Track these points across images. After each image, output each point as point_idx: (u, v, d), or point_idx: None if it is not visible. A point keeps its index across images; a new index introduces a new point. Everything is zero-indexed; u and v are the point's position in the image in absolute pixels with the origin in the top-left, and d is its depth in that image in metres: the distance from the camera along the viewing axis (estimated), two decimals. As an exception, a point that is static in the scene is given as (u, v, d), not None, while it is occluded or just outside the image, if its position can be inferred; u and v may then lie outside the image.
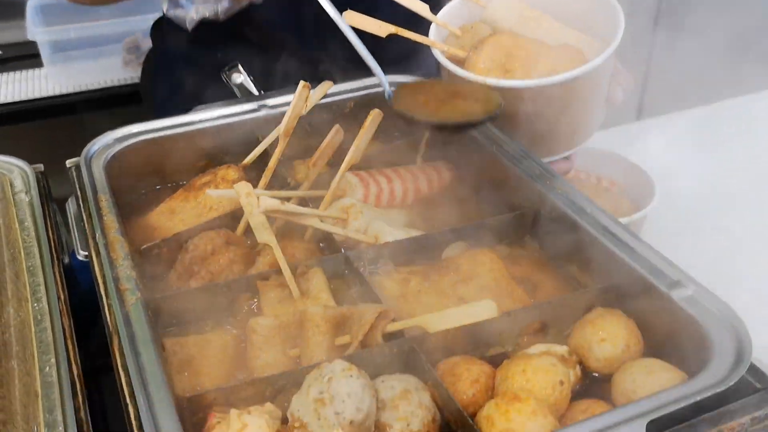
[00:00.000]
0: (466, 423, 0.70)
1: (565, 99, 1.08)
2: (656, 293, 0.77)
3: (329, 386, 0.72)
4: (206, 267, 0.97)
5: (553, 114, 1.09)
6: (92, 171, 1.06)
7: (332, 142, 1.08)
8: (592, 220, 0.88)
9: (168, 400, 0.69)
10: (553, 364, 0.74)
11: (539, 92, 1.05)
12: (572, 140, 1.17)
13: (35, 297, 0.82)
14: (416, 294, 0.91)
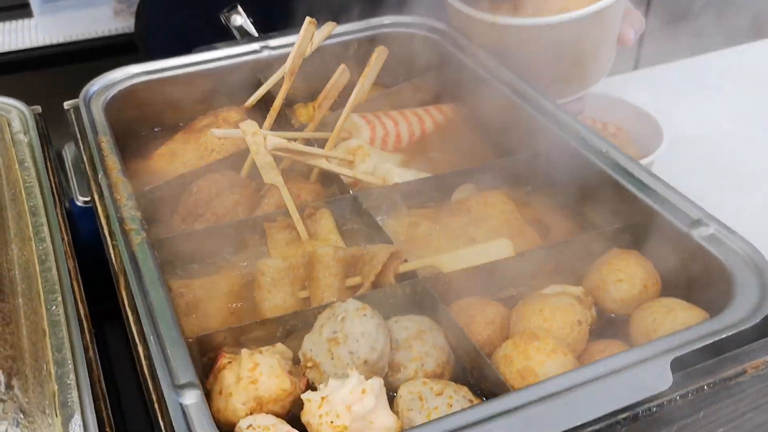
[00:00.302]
0: (483, 363, 0.69)
1: (577, 38, 1.05)
2: (676, 232, 0.75)
3: (343, 326, 0.71)
4: (211, 209, 0.95)
5: (565, 53, 1.06)
6: (92, 112, 1.03)
7: (338, 83, 1.05)
8: (607, 159, 0.85)
9: (179, 340, 0.67)
10: (570, 304, 0.73)
11: (550, 30, 1.02)
12: (584, 81, 1.14)
13: (39, 237, 0.79)
14: (426, 236, 0.89)
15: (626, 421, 0.59)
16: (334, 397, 0.66)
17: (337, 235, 0.88)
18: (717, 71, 1.73)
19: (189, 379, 0.63)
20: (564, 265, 0.83)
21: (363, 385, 0.65)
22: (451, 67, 1.13)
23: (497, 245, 0.78)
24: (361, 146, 0.99)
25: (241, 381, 0.69)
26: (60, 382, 0.63)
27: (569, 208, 0.92)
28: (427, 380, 0.69)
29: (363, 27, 1.22)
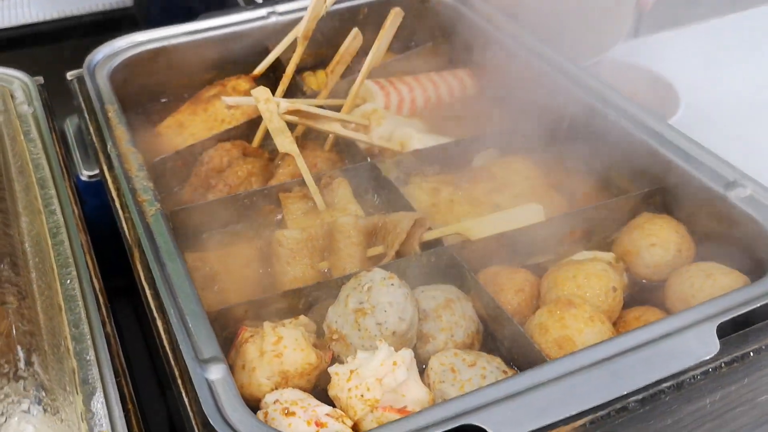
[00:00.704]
0: (517, 332, 0.66)
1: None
2: (711, 195, 0.73)
3: (369, 296, 0.68)
4: (223, 179, 0.92)
5: (583, 12, 1.03)
6: (96, 81, 0.99)
7: (351, 47, 1.02)
8: (635, 119, 0.82)
9: (201, 313, 0.64)
10: (604, 270, 0.71)
11: None
12: (603, 43, 1.11)
13: (48, 209, 0.77)
14: (448, 203, 0.86)
15: (670, 389, 0.57)
16: (364, 370, 0.63)
17: (355, 204, 0.85)
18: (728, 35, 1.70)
19: (213, 353, 0.61)
20: (593, 230, 0.80)
21: (393, 357, 0.63)
22: (467, 30, 1.10)
23: (528, 209, 0.75)
24: (376, 110, 0.96)
25: (265, 355, 0.67)
26: (79, 359, 0.61)
27: (596, 173, 0.89)
28: (459, 351, 0.66)
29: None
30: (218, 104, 1.06)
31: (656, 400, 0.57)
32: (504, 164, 0.89)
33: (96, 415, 0.56)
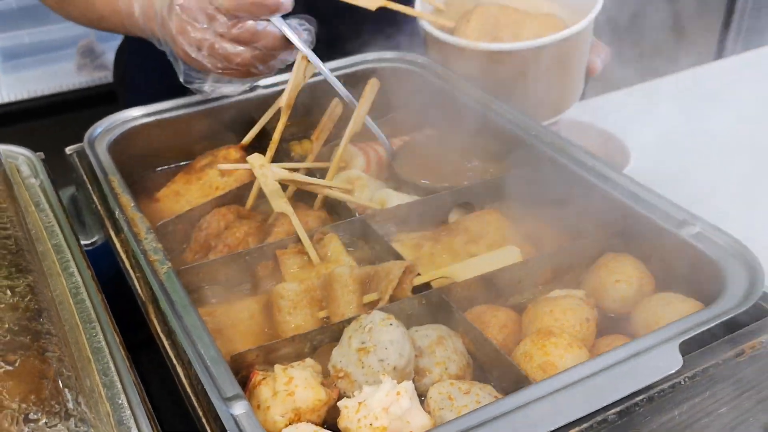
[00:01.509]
0: (504, 361, 0.74)
1: (550, 63, 1.13)
2: (665, 233, 0.83)
3: (371, 336, 0.76)
4: (223, 241, 0.99)
5: (540, 78, 1.14)
6: (98, 154, 1.06)
7: (332, 116, 1.11)
8: (591, 171, 0.93)
9: (219, 357, 0.71)
10: (577, 304, 0.79)
11: (527, 55, 1.11)
12: (559, 105, 1.22)
13: (67, 272, 0.83)
14: (430, 256, 0.95)
15: (643, 402, 0.66)
16: (371, 402, 0.70)
17: (347, 256, 0.93)
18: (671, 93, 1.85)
19: (236, 391, 0.67)
20: (563, 271, 0.90)
21: (397, 388, 0.70)
22: (435, 96, 1.21)
23: (506, 252, 0.84)
24: (360, 176, 1.05)
25: (278, 394, 0.73)
26: (112, 402, 0.67)
27: (561, 221, 0.99)
28: (455, 381, 0.74)
29: (348, 64, 1.28)
30: (211, 173, 1.14)
31: (632, 413, 0.65)
32: (476, 218, 0.98)
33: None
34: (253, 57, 1.03)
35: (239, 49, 1.01)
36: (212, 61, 1.02)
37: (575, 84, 1.24)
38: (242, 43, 1.01)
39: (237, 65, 1.03)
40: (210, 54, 1.02)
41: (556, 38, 1.11)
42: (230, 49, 1.01)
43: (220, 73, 1.05)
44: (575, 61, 1.20)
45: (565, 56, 1.16)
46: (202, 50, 1.01)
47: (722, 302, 0.71)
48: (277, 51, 1.04)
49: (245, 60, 1.02)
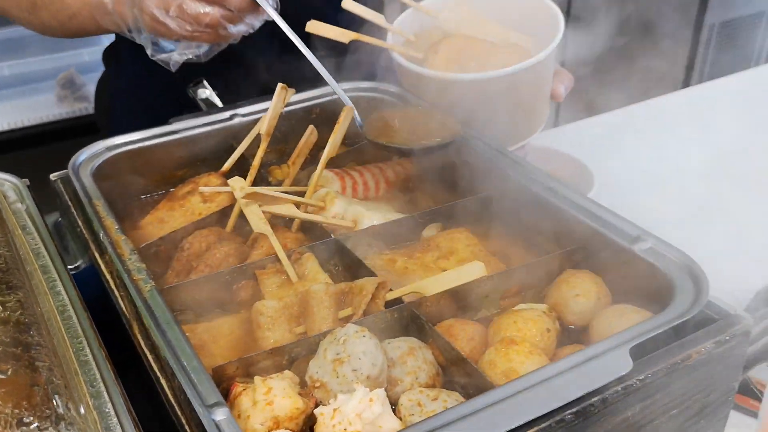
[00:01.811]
0: (471, 369, 0.79)
1: (516, 91, 1.20)
2: (619, 249, 0.89)
3: (345, 347, 0.80)
4: (204, 261, 1.03)
5: (507, 105, 1.21)
6: (82, 180, 1.10)
7: (308, 142, 1.17)
8: (553, 192, 0.99)
9: (201, 368, 0.75)
10: (539, 315, 0.85)
11: (493, 84, 1.17)
12: (525, 131, 1.29)
13: (54, 291, 0.87)
14: (403, 271, 1.00)
15: (598, 402, 0.71)
16: (345, 408, 0.75)
17: (323, 274, 0.98)
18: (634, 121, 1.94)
19: (217, 399, 0.71)
20: (528, 287, 0.95)
21: (369, 395, 0.75)
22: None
23: (472, 267, 0.89)
24: (329, 192, 1.10)
25: (258, 404, 0.77)
26: (99, 411, 0.70)
27: (526, 240, 1.05)
28: (424, 389, 0.79)
29: (323, 93, 1.34)
30: (193, 199, 1.18)
31: (588, 413, 0.70)
32: (447, 236, 1.04)
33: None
34: (222, 17, 1.05)
35: (207, 9, 1.03)
36: (180, 23, 1.04)
37: (540, 111, 1.30)
38: (210, 3, 1.03)
39: (206, 26, 1.04)
40: (178, 15, 1.03)
41: (521, 67, 1.17)
42: (199, 9, 1.03)
43: (188, 36, 1.07)
44: (539, 89, 1.27)
45: (529, 84, 1.23)
46: (170, 11, 1.04)
47: (670, 311, 0.77)
48: (244, 12, 1.06)
49: (214, 20, 1.04)
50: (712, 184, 1.63)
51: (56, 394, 0.64)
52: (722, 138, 1.82)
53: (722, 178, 1.65)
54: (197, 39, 1.08)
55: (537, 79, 1.23)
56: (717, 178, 1.65)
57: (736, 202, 1.55)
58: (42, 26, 1.31)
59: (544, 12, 1.27)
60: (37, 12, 1.27)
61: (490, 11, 1.32)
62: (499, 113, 1.23)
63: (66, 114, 2.92)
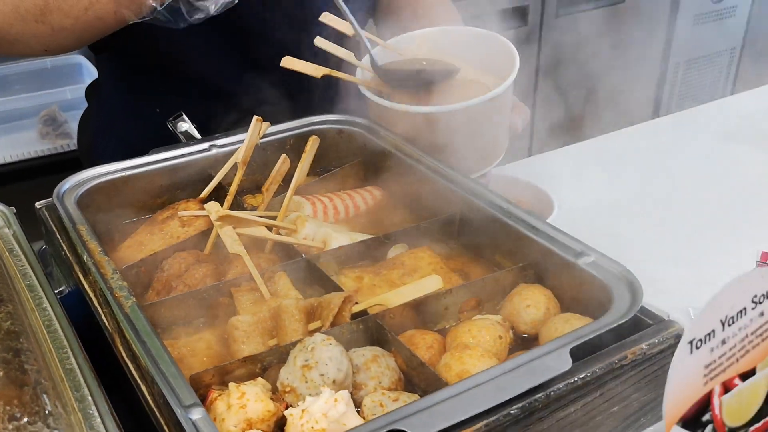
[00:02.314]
0: (429, 372, 0.86)
1: (475, 122, 1.29)
2: (566, 263, 0.97)
3: (313, 354, 0.87)
4: (183, 282, 1.10)
5: (467, 136, 1.30)
6: (66, 206, 1.17)
7: (281, 170, 1.24)
8: (508, 214, 1.07)
9: (180, 374, 0.81)
10: (492, 324, 0.92)
11: (454, 116, 1.26)
12: (485, 160, 1.37)
13: (40, 308, 0.93)
14: (371, 287, 1.07)
15: (542, 398, 0.78)
16: (313, 409, 0.81)
17: (295, 291, 1.05)
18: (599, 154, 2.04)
19: (194, 400, 0.78)
20: (485, 300, 1.02)
21: (334, 396, 0.81)
22: (375, 153, 1.35)
23: (429, 280, 0.97)
24: (300, 216, 1.18)
25: (232, 407, 0.84)
26: (84, 413, 0.76)
27: (484, 257, 1.12)
28: (386, 391, 0.85)
29: (296, 125, 1.42)
30: (172, 224, 1.25)
31: (533, 409, 0.77)
32: (411, 255, 1.11)
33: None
34: None
35: None
36: None
37: (499, 142, 1.39)
38: None
39: None
40: None
41: (480, 100, 1.26)
42: None
43: None
44: (498, 121, 1.36)
45: (488, 116, 1.32)
46: None
47: (608, 316, 0.85)
48: None
49: None
50: (668, 209, 1.72)
51: (44, 394, 0.70)
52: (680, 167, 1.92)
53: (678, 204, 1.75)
54: None
55: (495, 112, 1.32)
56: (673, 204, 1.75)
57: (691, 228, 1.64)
58: (50, 33, 1.25)
59: (502, 50, 1.37)
60: (47, 16, 1.22)
61: (451, 50, 1.41)
62: (461, 144, 1.31)
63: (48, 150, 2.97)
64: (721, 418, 0.63)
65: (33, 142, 2.94)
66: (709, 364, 0.61)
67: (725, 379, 0.63)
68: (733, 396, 0.63)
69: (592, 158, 2.02)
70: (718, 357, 0.61)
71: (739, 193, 1.80)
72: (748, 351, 0.63)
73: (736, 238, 1.60)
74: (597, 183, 1.86)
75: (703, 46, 4.46)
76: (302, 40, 1.40)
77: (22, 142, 2.93)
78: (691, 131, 2.16)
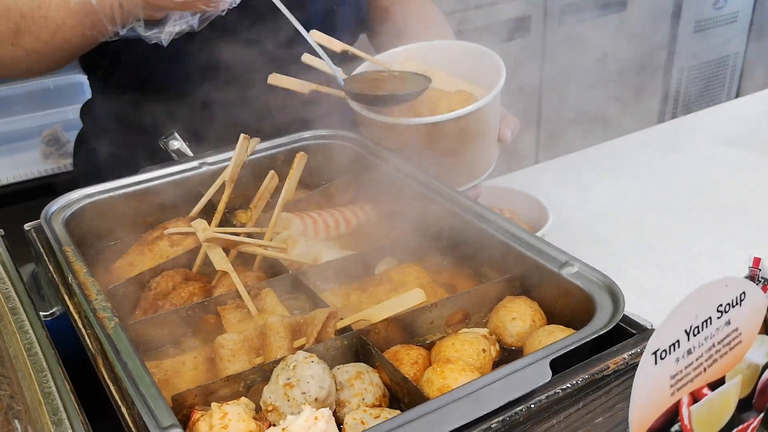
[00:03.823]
0: (411, 387, 0.85)
1: (464, 133, 1.29)
2: (550, 274, 0.96)
3: (295, 372, 0.86)
4: (170, 300, 1.10)
5: (456, 146, 1.29)
6: (53, 228, 1.17)
7: (269, 186, 1.24)
8: (495, 226, 1.06)
9: (159, 396, 0.81)
10: (476, 337, 0.91)
11: (442, 127, 1.26)
12: (475, 171, 1.37)
13: (22, 330, 0.92)
14: (358, 303, 1.06)
15: (523, 411, 0.77)
16: (293, 426, 0.80)
17: (282, 307, 1.04)
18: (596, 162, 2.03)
19: (172, 421, 0.77)
20: (472, 313, 1.01)
21: (315, 414, 0.81)
22: (364, 169, 1.34)
23: (412, 294, 0.96)
24: (291, 235, 1.17)
25: (214, 428, 0.83)
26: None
27: (472, 271, 1.12)
28: (367, 408, 0.84)
29: (287, 141, 1.42)
30: (161, 244, 1.25)
31: (514, 422, 0.76)
32: (399, 270, 1.10)
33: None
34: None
35: None
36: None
37: (489, 152, 1.39)
38: None
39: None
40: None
41: (467, 110, 1.26)
42: None
43: (180, 5, 1.12)
44: (486, 131, 1.35)
45: (476, 127, 1.32)
46: None
47: (589, 327, 0.84)
48: None
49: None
50: (666, 217, 1.71)
51: (16, 419, 0.70)
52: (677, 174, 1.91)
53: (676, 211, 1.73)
54: (190, 7, 1.12)
55: (483, 122, 1.32)
56: (671, 212, 1.73)
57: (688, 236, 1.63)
58: (25, 56, 1.30)
59: (489, 62, 1.37)
60: (20, 39, 1.28)
61: (439, 62, 1.41)
62: (450, 154, 1.31)
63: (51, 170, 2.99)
64: (691, 428, 0.62)
65: (36, 162, 2.95)
66: (675, 375, 0.60)
67: (693, 389, 0.62)
68: (702, 406, 0.62)
69: (590, 167, 2.01)
70: (684, 367, 0.60)
71: (737, 198, 1.79)
72: (715, 360, 0.62)
73: (733, 244, 1.59)
74: (595, 192, 1.85)
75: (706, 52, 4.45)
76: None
77: (25, 163, 2.94)
78: (688, 137, 2.15)
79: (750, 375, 0.66)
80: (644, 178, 1.93)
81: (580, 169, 2.00)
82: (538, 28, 3.75)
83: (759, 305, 0.63)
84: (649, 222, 1.71)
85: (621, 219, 1.72)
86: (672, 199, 1.82)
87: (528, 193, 1.70)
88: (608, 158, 2.05)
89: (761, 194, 1.81)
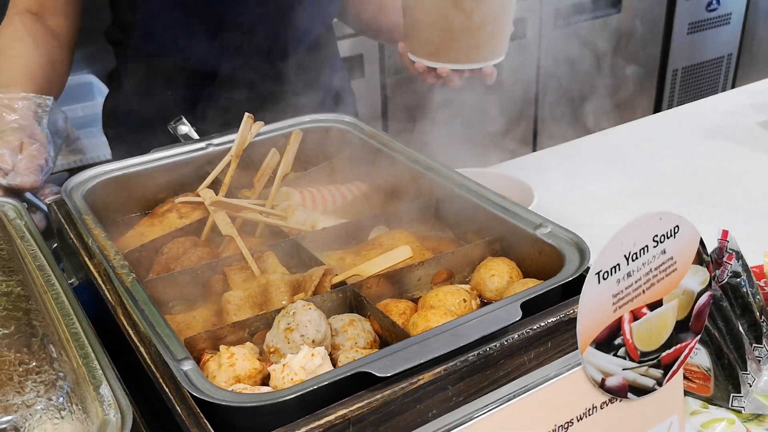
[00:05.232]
0: (398, 330, 0.95)
1: None
2: (526, 235, 1.06)
3: (294, 318, 0.96)
4: (180, 263, 1.20)
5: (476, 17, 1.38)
6: (74, 200, 1.27)
7: (271, 163, 1.35)
8: (477, 195, 1.16)
9: (174, 335, 0.91)
10: (457, 288, 1.01)
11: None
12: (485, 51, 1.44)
13: (49, 283, 1.02)
14: (351, 266, 1.16)
15: (496, 347, 0.87)
16: (292, 363, 0.90)
17: (282, 268, 1.14)
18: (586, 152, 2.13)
19: (186, 355, 0.87)
20: (456, 272, 1.11)
21: (312, 351, 0.91)
22: (360, 149, 1.45)
23: (399, 250, 1.06)
24: (290, 204, 1.27)
25: (222, 366, 0.93)
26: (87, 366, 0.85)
27: (456, 236, 1.22)
28: (360, 349, 0.94)
29: (287, 125, 1.52)
30: (171, 216, 1.35)
31: (488, 355, 0.86)
32: (390, 236, 1.20)
33: (106, 398, 0.81)
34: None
35: None
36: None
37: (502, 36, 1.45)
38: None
39: None
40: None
41: None
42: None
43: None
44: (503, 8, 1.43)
45: None
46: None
47: (558, 276, 0.94)
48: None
49: None
50: (648, 203, 1.81)
51: (51, 344, 0.80)
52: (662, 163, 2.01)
53: (657, 198, 1.83)
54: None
55: None
56: (652, 198, 1.83)
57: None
58: None
59: None
60: None
61: None
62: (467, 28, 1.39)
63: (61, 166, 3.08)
64: (632, 342, 0.71)
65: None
66: (616, 294, 0.69)
67: (634, 308, 0.71)
68: (642, 323, 0.71)
69: (580, 156, 2.11)
70: (624, 288, 0.70)
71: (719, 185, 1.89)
72: (653, 284, 0.71)
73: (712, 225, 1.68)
74: (582, 179, 1.95)
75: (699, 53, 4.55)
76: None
77: (36, 158, 3.03)
78: (674, 129, 2.25)
79: (686, 300, 0.75)
80: (631, 167, 2.03)
81: (570, 158, 2.11)
82: (534, 30, 3.86)
83: (692, 239, 0.72)
84: (632, 206, 1.81)
85: (606, 204, 1.82)
86: (658, 186, 1.91)
87: (516, 177, 1.80)
88: (597, 148, 2.15)
89: (739, 181, 1.91)
